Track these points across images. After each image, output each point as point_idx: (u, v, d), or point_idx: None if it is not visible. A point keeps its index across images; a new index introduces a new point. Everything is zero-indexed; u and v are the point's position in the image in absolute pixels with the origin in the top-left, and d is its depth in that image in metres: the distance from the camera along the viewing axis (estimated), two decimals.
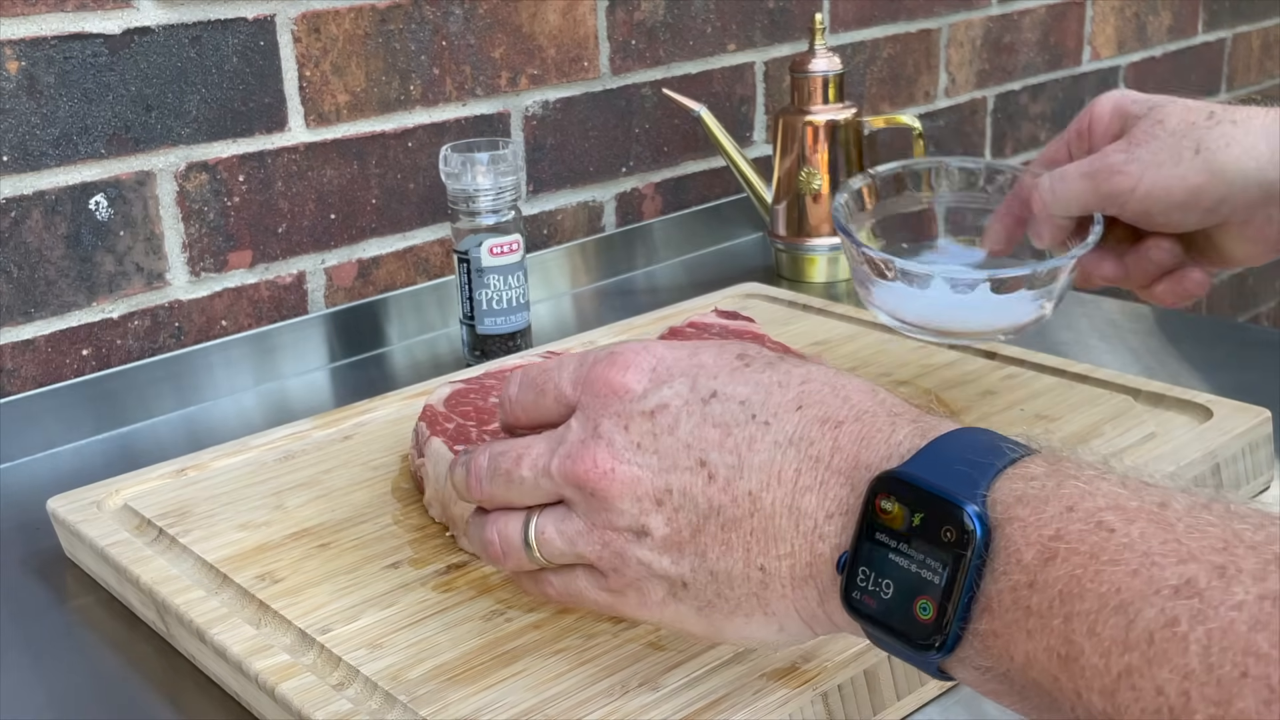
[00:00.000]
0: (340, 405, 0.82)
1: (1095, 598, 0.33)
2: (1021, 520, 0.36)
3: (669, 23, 1.19)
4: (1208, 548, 0.32)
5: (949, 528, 0.37)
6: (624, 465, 0.43)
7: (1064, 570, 0.34)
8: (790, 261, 1.14)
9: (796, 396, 0.42)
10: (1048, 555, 0.35)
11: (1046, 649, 0.34)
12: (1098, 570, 0.33)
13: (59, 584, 0.68)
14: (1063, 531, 0.35)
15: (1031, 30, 1.57)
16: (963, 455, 0.38)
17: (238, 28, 0.93)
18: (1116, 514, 0.34)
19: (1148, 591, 0.32)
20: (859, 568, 0.39)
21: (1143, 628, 0.32)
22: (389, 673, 0.52)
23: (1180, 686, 0.31)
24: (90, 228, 0.88)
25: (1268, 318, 2.17)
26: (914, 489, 0.38)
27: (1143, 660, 0.32)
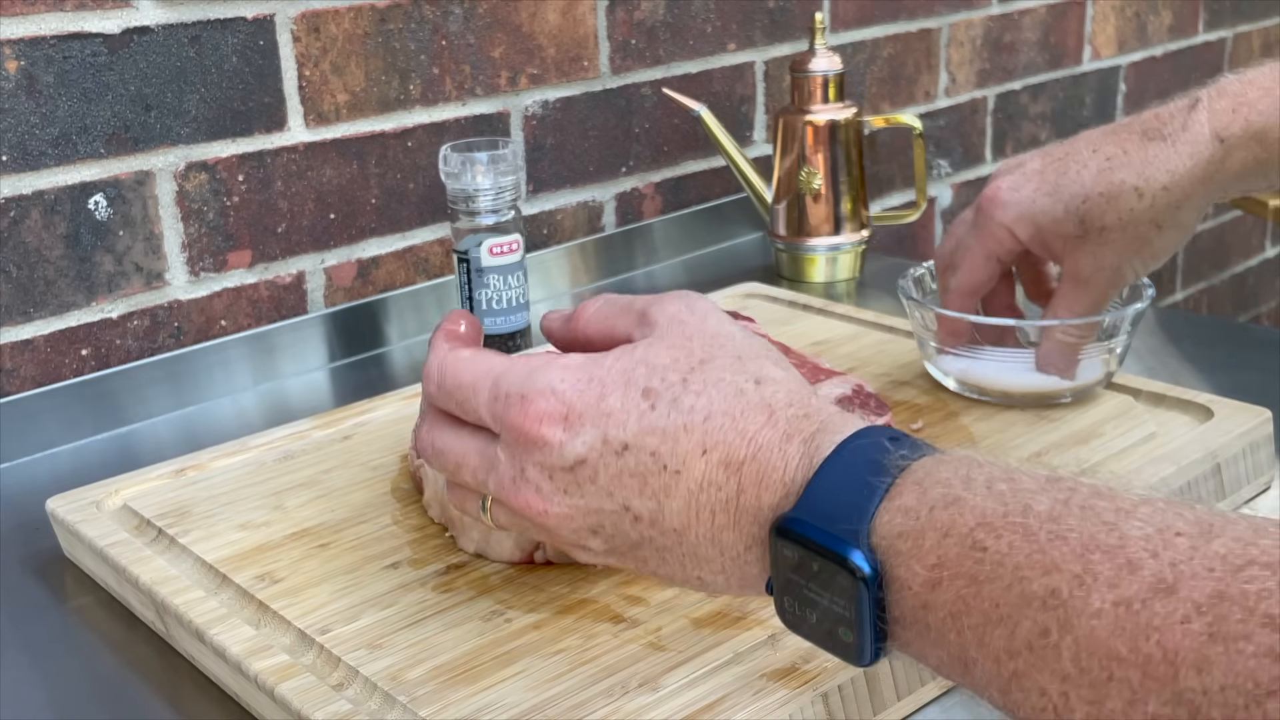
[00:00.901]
0: (340, 405, 0.82)
1: (979, 613, 0.37)
2: (904, 553, 0.39)
3: (669, 22, 1.19)
4: (1068, 555, 0.35)
5: (842, 574, 0.40)
6: (555, 507, 0.46)
7: (950, 593, 0.38)
8: (790, 261, 1.14)
9: (700, 440, 0.44)
10: (934, 581, 0.38)
11: (950, 657, 0.38)
12: (977, 590, 0.37)
13: (58, 584, 0.68)
14: (943, 558, 0.38)
15: (1032, 30, 1.57)
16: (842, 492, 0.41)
17: (237, 27, 0.93)
18: (985, 531, 0.38)
19: (1020, 604, 0.36)
20: (782, 597, 0.43)
21: (1022, 638, 0.35)
22: (389, 673, 0.52)
23: (1060, 688, 0.34)
24: (89, 227, 0.88)
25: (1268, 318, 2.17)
26: (807, 541, 0.41)
27: (1027, 665, 0.35)
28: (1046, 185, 0.69)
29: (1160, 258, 0.70)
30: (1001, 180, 0.70)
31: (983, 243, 0.71)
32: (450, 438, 0.49)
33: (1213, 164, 0.66)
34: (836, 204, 1.12)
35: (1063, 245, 0.69)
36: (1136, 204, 0.67)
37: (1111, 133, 0.69)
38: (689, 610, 0.56)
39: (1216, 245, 1.99)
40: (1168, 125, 0.67)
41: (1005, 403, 0.75)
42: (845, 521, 0.40)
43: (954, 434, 0.72)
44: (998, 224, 0.70)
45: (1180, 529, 0.35)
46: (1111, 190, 0.67)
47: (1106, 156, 0.68)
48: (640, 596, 0.57)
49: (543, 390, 0.46)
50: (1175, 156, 0.66)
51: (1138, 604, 0.33)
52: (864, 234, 1.14)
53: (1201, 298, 1.99)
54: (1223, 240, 2.00)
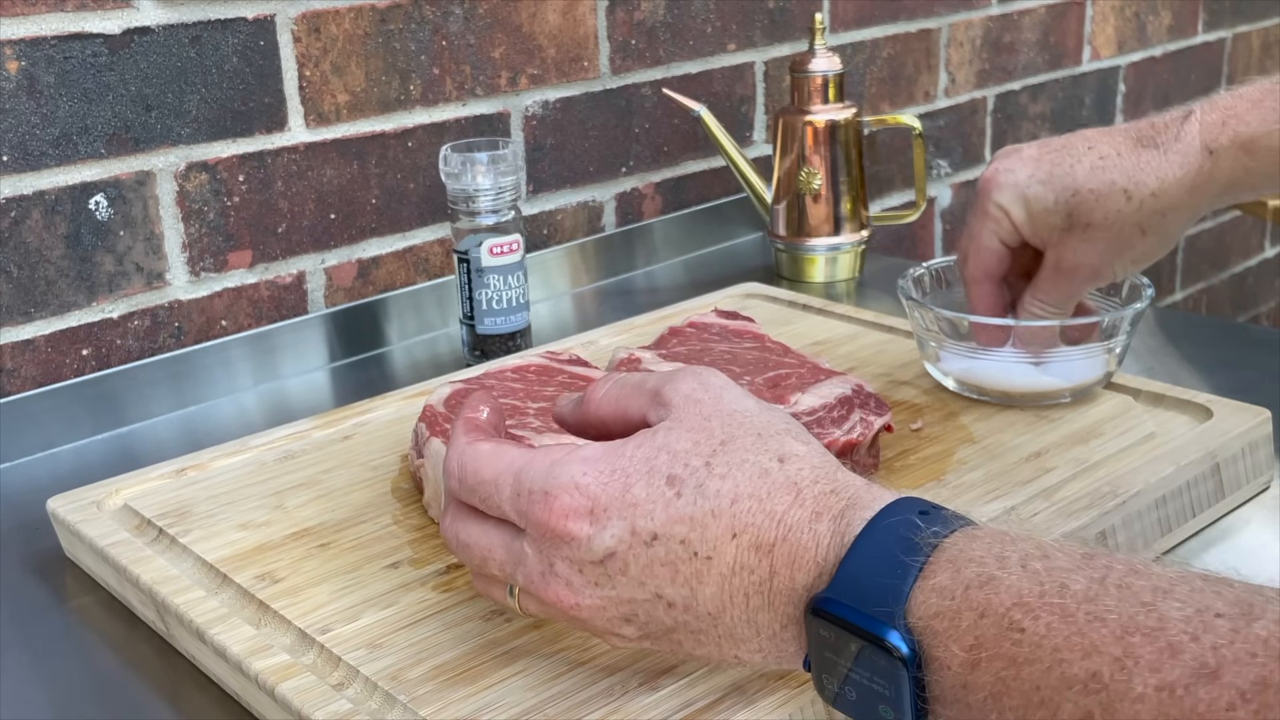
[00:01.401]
0: (340, 405, 0.82)
1: (1020, 695, 0.37)
2: (941, 634, 0.39)
3: (669, 23, 1.19)
4: (1108, 637, 0.35)
5: (880, 656, 0.40)
6: (586, 599, 0.46)
7: (989, 674, 0.38)
8: (790, 261, 1.14)
9: (729, 524, 0.44)
10: (972, 662, 0.38)
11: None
12: (1017, 672, 0.37)
13: (59, 584, 0.68)
14: (980, 639, 0.38)
15: (1031, 30, 1.57)
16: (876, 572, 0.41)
17: (238, 28, 0.93)
18: (1022, 611, 0.37)
19: (1061, 687, 0.36)
20: (821, 675, 0.43)
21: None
22: (389, 673, 0.52)
23: None
24: (90, 228, 0.88)
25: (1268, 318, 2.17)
26: (843, 622, 0.41)
27: None
28: (1040, 173, 0.70)
29: (1141, 263, 0.72)
30: (999, 163, 0.72)
31: (983, 224, 0.72)
32: (475, 531, 0.49)
33: (1201, 175, 0.67)
34: (836, 204, 1.12)
35: (1048, 235, 0.71)
36: (1124, 206, 0.68)
37: (1108, 134, 0.70)
38: None
39: (1216, 245, 1.99)
40: (1162, 135, 0.68)
41: (1005, 403, 0.75)
42: (880, 603, 0.40)
43: (954, 434, 0.72)
44: (994, 204, 0.71)
45: (1220, 610, 0.35)
46: (1101, 189, 0.68)
47: (1100, 155, 0.69)
48: None
49: (566, 485, 0.45)
50: (1166, 165, 0.67)
51: (1180, 689, 0.33)
52: (864, 234, 1.14)
53: (1201, 298, 1.99)
54: (1222, 240, 2.01)
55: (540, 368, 0.75)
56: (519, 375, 0.73)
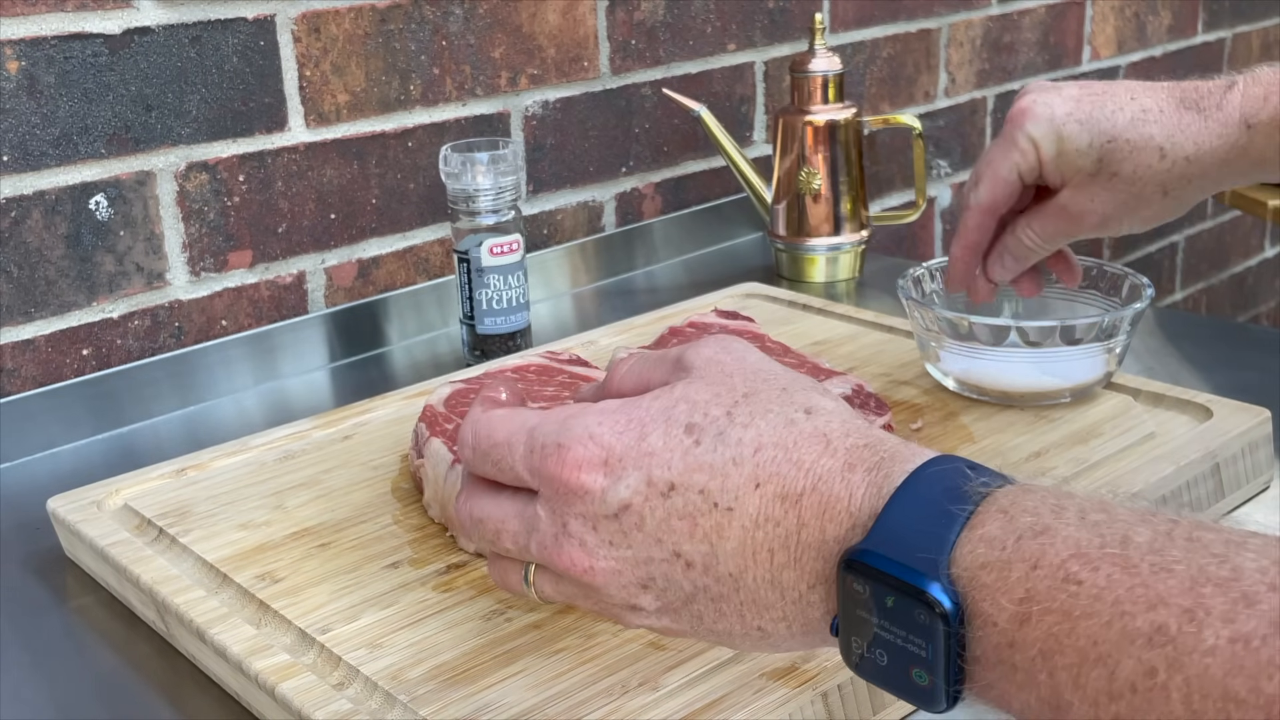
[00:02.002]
0: (340, 405, 0.82)
1: (1074, 652, 0.34)
2: (989, 586, 0.36)
3: (669, 23, 1.19)
4: (1175, 589, 0.33)
5: (920, 610, 0.37)
6: (601, 562, 0.43)
7: (1040, 630, 0.35)
8: (790, 261, 1.14)
9: (753, 473, 0.42)
10: (1022, 618, 0.35)
11: (1038, 699, 0.35)
12: (1072, 626, 0.34)
13: (59, 584, 0.68)
14: (1032, 592, 0.35)
15: (1031, 30, 1.57)
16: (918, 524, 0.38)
17: (238, 28, 0.93)
18: (1080, 562, 0.35)
19: (1123, 642, 0.33)
20: (850, 637, 0.40)
21: (1124, 679, 0.33)
22: (389, 672, 0.52)
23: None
24: (90, 228, 0.88)
25: (1267, 317, 2.17)
26: (880, 574, 0.38)
27: (1129, 709, 0.32)
28: (1080, 112, 0.68)
29: (1149, 223, 0.70)
30: (1036, 95, 0.70)
31: (1007, 154, 0.70)
32: (489, 504, 0.47)
33: (1235, 149, 0.66)
34: (836, 204, 1.12)
35: (1072, 176, 0.69)
36: (1156, 163, 0.67)
37: (1151, 88, 0.69)
38: None
39: (1216, 245, 1.99)
40: (1205, 100, 0.67)
41: (1005, 403, 0.75)
42: (922, 551, 0.37)
43: (954, 434, 0.72)
44: (1025, 135, 0.69)
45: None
46: (1139, 141, 0.67)
47: (1143, 108, 0.68)
48: None
49: (579, 437, 0.43)
50: (1205, 132, 0.67)
51: (1257, 640, 0.31)
52: (864, 234, 1.14)
53: (1201, 298, 1.99)
54: (1222, 240, 2.01)
55: (540, 368, 0.75)
56: (519, 375, 0.73)
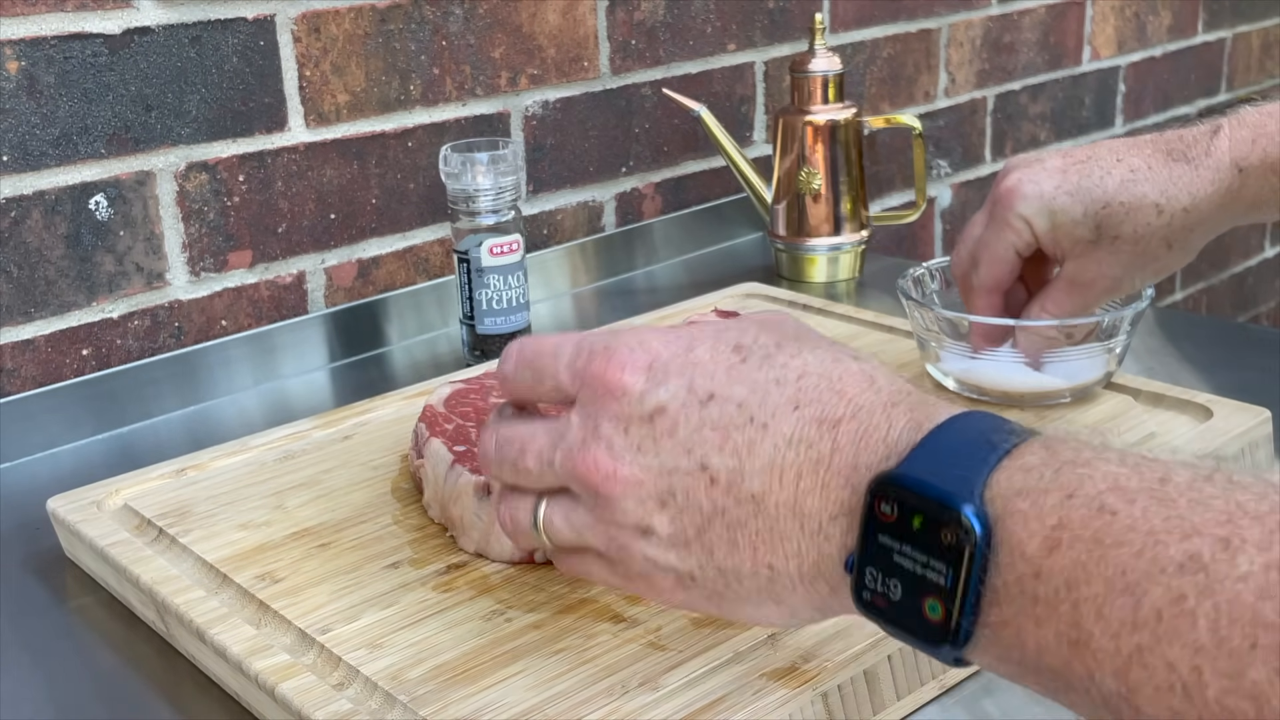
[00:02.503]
0: (340, 405, 0.82)
1: (1102, 581, 0.33)
2: (1022, 513, 0.36)
3: (669, 23, 1.19)
4: (1211, 521, 0.33)
5: (948, 529, 0.36)
6: (625, 467, 0.43)
7: (1069, 558, 0.34)
8: (790, 261, 1.14)
9: (793, 395, 0.42)
10: (1052, 544, 0.35)
11: (1056, 634, 0.34)
12: (1102, 555, 0.34)
13: (59, 584, 0.68)
14: (1065, 519, 0.35)
15: (1031, 30, 1.57)
16: (957, 451, 0.38)
17: (238, 28, 0.93)
18: (1117, 495, 0.34)
19: (1153, 570, 0.32)
20: (866, 568, 0.39)
21: (1150, 606, 0.32)
22: (389, 673, 0.52)
23: (1192, 661, 0.31)
24: (90, 228, 0.88)
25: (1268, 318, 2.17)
26: (911, 493, 0.38)
27: (1153, 639, 0.32)
28: (1068, 184, 0.69)
29: (1160, 275, 0.71)
30: (1021, 173, 0.70)
31: (1001, 235, 0.71)
32: (517, 424, 0.47)
33: (1230, 192, 0.67)
34: (836, 204, 1.12)
35: (1071, 247, 0.70)
36: (1155, 220, 0.67)
37: (1135, 145, 0.69)
38: None
39: (1216, 245, 1.99)
40: (1192, 149, 0.68)
41: (1005, 403, 0.75)
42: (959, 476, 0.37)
43: None
44: (1016, 215, 0.70)
45: None
46: (1133, 202, 0.67)
47: (1131, 168, 0.68)
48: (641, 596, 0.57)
49: (629, 342, 0.44)
50: (1198, 180, 0.67)
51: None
52: (864, 234, 1.14)
53: (1201, 298, 1.99)
54: (1222, 240, 2.00)
55: None
56: None
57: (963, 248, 0.74)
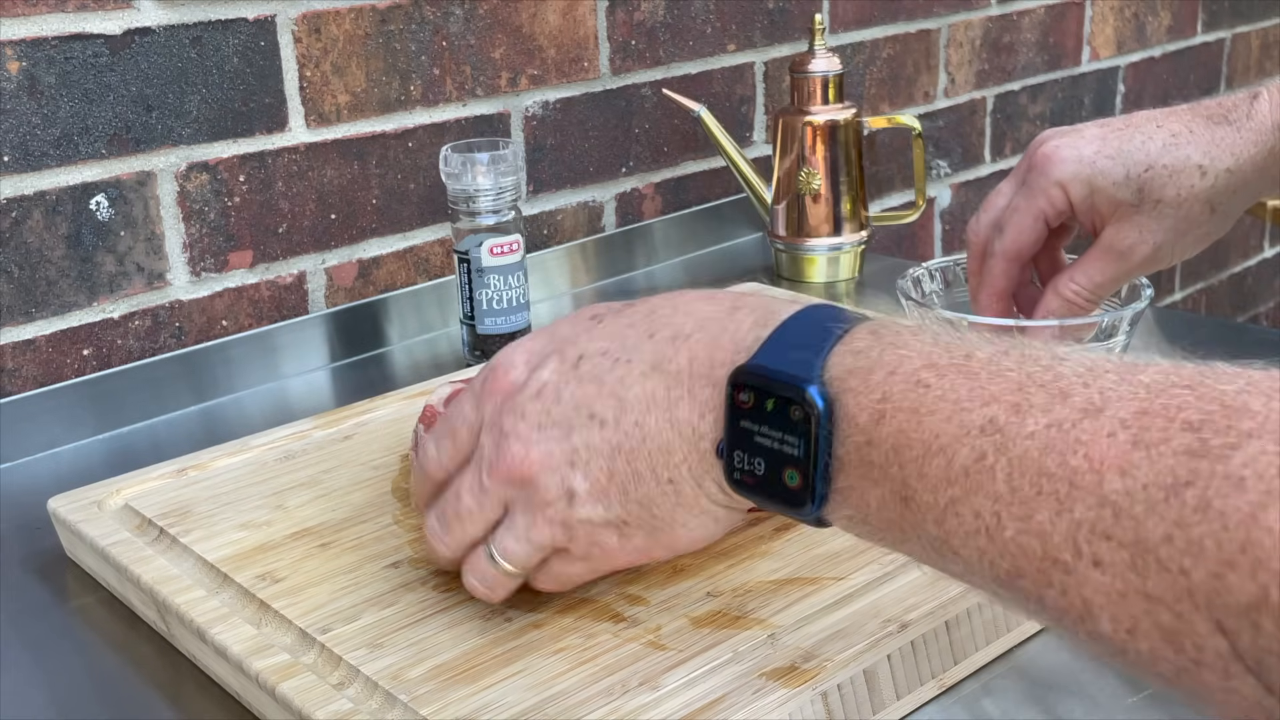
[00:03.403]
0: (340, 405, 0.82)
1: (920, 445, 0.39)
2: (854, 390, 0.41)
3: (669, 23, 1.19)
4: (1006, 389, 0.38)
5: (797, 407, 0.42)
6: (535, 447, 0.49)
7: (893, 426, 0.40)
8: (790, 261, 1.14)
9: (646, 328, 0.48)
10: (878, 416, 0.40)
11: (890, 493, 0.40)
12: (919, 422, 0.39)
13: (59, 584, 0.68)
14: (888, 394, 0.40)
15: (1031, 30, 1.57)
16: (799, 339, 0.44)
17: (238, 28, 0.93)
18: (931, 371, 0.40)
19: (960, 434, 0.38)
20: (734, 452, 0.45)
21: (959, 465, 0.38)
22: (389, 672, 0.52)
23: (992, 509, 0.37)
24: (91, 228, 0.88)
25: (1266, 318, 2.17)
26: (763, 379, 0.44)
27: (963, 491, 0.38)
28: (1109, 148, 0.68)
29: (1200, 244, 0.70)
30: (1059, 140, 0.69)
31: (1033, 201, 0.69)
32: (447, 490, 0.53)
33: (1274, 154, 0.66)
34: (836, 204, 1.12)
35: (1111, 212, 0.68)
36: (1199, 182, 0.66)
37: (1173, 113, 0.69)
38: (689, 610, 0.56)
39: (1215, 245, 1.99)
40: (1232, 112, 0.67)
41: None
42: (801, 361, 0.43)
43: None
44: (1052, 181, 0.68)
45: (1109, 367, 0.38)
46: (1176, 164, 0.67)
47: (1172, 133, 0.67)
48: (640, 596, 0.57)
49: (507, 353, 0.52)
50: (1240, 141, 0.66)
51: (1068, 425, 0.36)
52: (863, 234, 1.14)
53: (1200, 298, 1.99)
54: (1221, 240, 2.00)
55: None
56: None
57: (984, 215, 0.72)
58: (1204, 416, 0.34)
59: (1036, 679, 0.54)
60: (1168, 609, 0.33)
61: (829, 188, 1.12)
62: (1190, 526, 0.32)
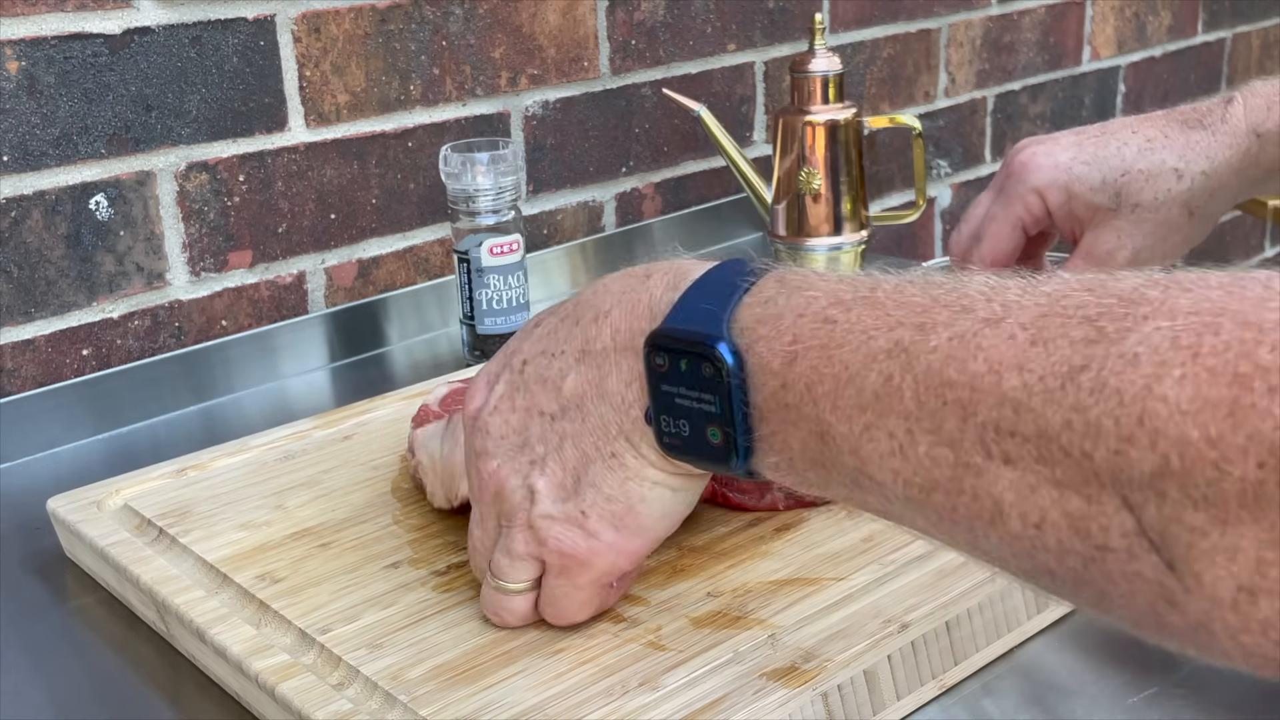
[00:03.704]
0: (340, 405, 0.82)
1: (831, 379, 0.40)
2: (765, 338, 0.42)
3: (669, 23, 1.19)
4: (911, 313, 0.39)
5: (708, 364, 0.43)
6: (499, 458, 0.51)
7: (805, 365, 0.41)
8: (790, 261, 1.14)
9: (571, 315, 0.50)
10: (790, 358, 0.41)
11: (809, 433, 0.41)
12: (829, 356, 0.40)
13: (59, 584, 0.68)
14: (799, 335, 0.41)
15: (1031, 30, 1.57)
16: (706, 298, 0.45)
17: (238, 28, 0.93)
18: (837, 307, 0.41)
19: (868, 360, 0.39)
20: (660, 417, 0.46)
21: (870, 390, 0.39)
22: (389, 672, 0.52)
23: (905, 427, 0.38)
24: (90, 228, 0.88)
25: None
26: (674, 339, 0.45)
27: (875, 415, 0.39)
28: (1085, 154, 0.68)
29: (1180, 249, 0.70)
30: (1035, 148, 0.70)
31: (1011, 209, 0.70)
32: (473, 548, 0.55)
33: (1249, 156, 0.67)
34: (836, 204, 1.12)
35: (1090, 218, 0.69)
36: (1175, 185, 0.67)
37: (1148, 119, 0.69)
38: (689, 610, 0.56)
39: (1216, 245, 1.99)
40: (1206, 117, 0.68)
41: None
42: (709, 320, 0.44)
43: None
44: (1029, 188, 0.69)
45: (1013, 284, 0.38)
46: (1152, 169, 0.67)
47: (1147, 138, 0.68)
48: (640, 596, 0.57)
49: (472, 383, 0.54)
50: (1215, 145, 0.67)
51: (970, 335, 0.37)
52: (864, 234, 1.14)
53: None
54: (1223, 240, 2.01)
55: None
56: None
57: (965, 226, 0.73)
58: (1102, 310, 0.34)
59: (1037, 679, 0.54)
60: (1076, 493, 0.33)
61: (829, 187, 1.12)
62: (1088, 409, 0.33)
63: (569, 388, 0.49)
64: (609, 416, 0.49)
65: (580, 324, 0.50)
